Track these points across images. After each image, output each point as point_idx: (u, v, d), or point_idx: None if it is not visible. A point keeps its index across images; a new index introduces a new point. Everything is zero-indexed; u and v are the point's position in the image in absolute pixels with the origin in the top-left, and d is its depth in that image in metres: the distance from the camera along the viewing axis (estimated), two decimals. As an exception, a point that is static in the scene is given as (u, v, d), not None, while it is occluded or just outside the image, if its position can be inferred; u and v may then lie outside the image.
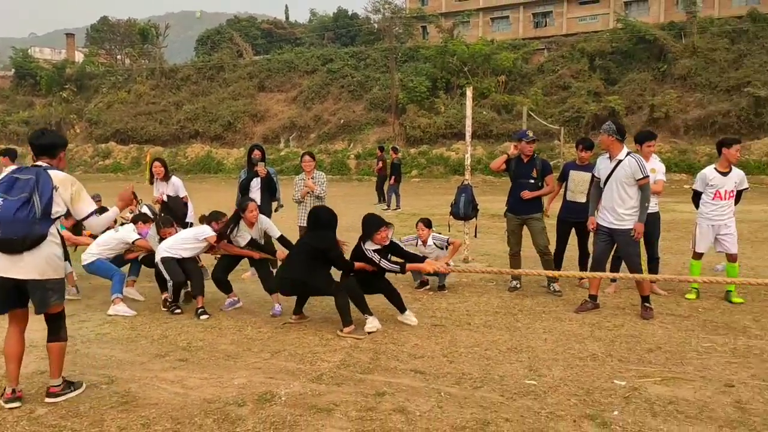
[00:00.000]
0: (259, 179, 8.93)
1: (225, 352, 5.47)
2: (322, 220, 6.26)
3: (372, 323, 6.07)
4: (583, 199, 7.89)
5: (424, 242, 8.03)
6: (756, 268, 9.07)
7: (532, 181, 7.71)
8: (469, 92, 9.71)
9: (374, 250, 6.31)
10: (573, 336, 5.86)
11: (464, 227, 9.45)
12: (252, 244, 7.03)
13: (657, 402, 4.29)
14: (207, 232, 7.06)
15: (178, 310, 6.83)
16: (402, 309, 6.37)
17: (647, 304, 6.61)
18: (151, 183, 9.02)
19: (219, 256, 7.42)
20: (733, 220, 7.37)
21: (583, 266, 8.22)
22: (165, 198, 8.82)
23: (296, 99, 44.43)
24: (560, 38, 43.25)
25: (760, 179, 25.42)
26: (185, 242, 7.05)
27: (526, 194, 7.64)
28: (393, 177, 19.16)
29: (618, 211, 6.55)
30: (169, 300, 6.95)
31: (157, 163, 8.97)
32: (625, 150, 6.64)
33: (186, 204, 9.02)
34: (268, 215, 8.25)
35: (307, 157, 8.63)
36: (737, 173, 7.36)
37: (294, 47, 53.24)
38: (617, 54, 36.93)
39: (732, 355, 5.29)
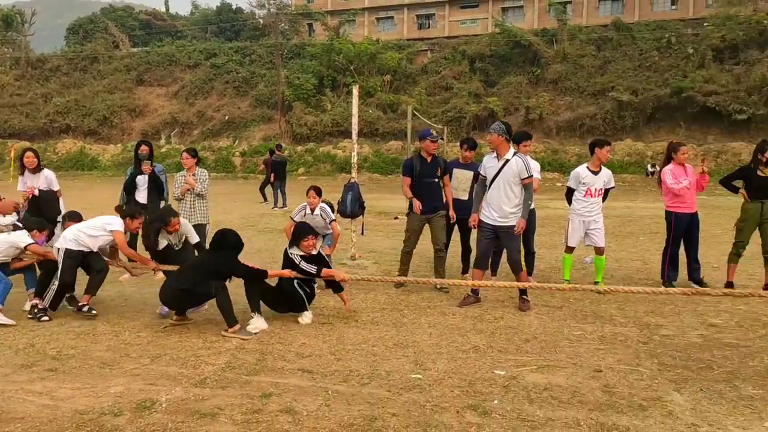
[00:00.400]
0: (146, 177, 8.53)
1: (100, 360, 5.17)
2: (229, 242, 6.18)
3: (256, 323, 5.97)
4: (465, 197, 8.15)
5: (312, 210, 8.04)
6: (620, 260, 9.77)
7: (436, 179, 7.78)
8: (355, 91, 9.77)
9: (300, 255, 6.41)
10: (456, 329, 6.05)
11: (351, 225, 9.51)
12: (167, 249, 6.86)
13: (533, 389, 4.52)
14: (116, 225, 6.63)
15: (46, 318, 6.35)
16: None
17: (525, 297, 6.94)
18: (21, 174, 8.28)
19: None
20: (601, 216, 7.89)
21: (465, 261, 8.51)
22: (36, 192, 8.17)
23: (178, 94, 42.76)
24: (443, 40, 44.45)
25: (623, 177, 27.39)
26: (92, 230, 6.56)
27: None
28: (273, 174, 18.86)
29: (504, 209, 6.79)
30: (39, 306, 6.43)
31: (30, 154, 8.24)
32: (512, 150, 6.89)
33: (58, 199, 8.42)
34: None
35: (185, 154, 8.32)
36: (606, 172, 7.87)
37: (175, 40, 51.16)
38: (495, 57, 38.48)
39: (600, 342, 5.66)
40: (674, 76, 32.60)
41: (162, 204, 8.73)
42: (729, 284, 7.64)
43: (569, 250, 8.01)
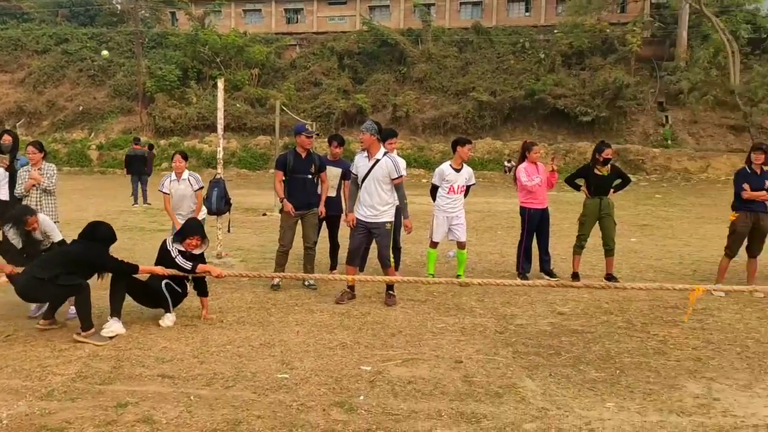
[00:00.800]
0: (6, 173, 7.79)
1: (-72, 377, 4.66)
2: (101, 233, 5.83)
3: (112, 326, 5.63)
4: (333, 193, 8.19)
5: (179, 175, 7.72)
6: (480, 254, 10.26)
7: (310, 176, 7.70)
8: (220, 84, 9.49)
9: (179, 250, 6.11)
10: (324, 327, 6.06)
11: (217, 222, 9.24)
12: (29, 248, 6.19)
13: (398, 383, 4.63)
14: None
15: None
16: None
17: (391, 292, 7.10)
18: None
19: None
20: (463, 212, 8.23)
21: (333, 258, 8.56)
22: None
23: (24, 81, 39.34)
24: (311, 35, 44.28)
25: (483, 174, 28.75)
26: None
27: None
28: (126, 170, 17.89)
29: (376, 206, 6.89)
30: None
31: None
32: (383, 150, 6.98)
33: None
34: None
35: (31, 148, 7.67)
36: (467, 170, 8.21)
37: (21, 23, 47.00)
38: (363, 55, 38.95)
39: (461, 334, 5.91)
40: (528, 79, 34.68)
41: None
42: (574, 275, 8.26)
43: (434, 245, 8.28)
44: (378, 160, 6.88)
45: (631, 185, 11.43)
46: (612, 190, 8.30)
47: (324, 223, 8.27)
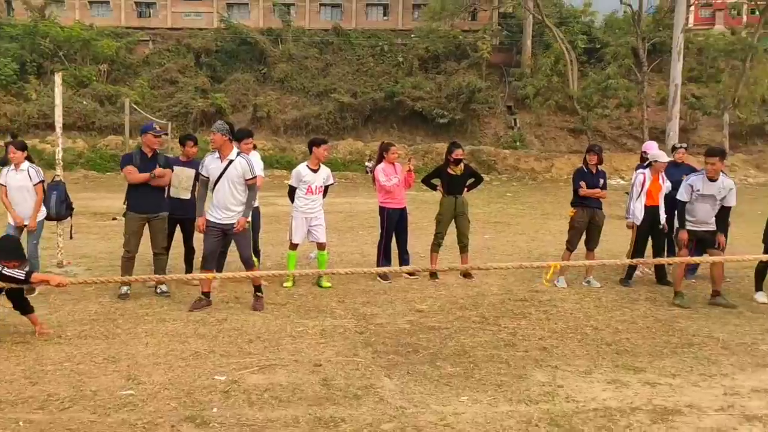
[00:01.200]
0: None
1: None
2: None
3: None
4: (188, 196, 7.83)
5: (17, 166, 7.15)
6: (342, 254, 10.26)
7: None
8: (58, 78, 8.77)
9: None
10: (176, 336, 5.75)
11: (58, 228, 8.52)
12: None
13: (254, 391, 4.48)
14: None
15: None
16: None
17: (259, 294, 6.87)
18: None
19: None
20: (322, 213, 8.17)
21: (189, 263, 8.18)
22: None
23: None
24: (165, 31, 42.39)
25: (345, 175, 28.96)
26: None
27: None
28: None
29: (230, 208, 6.66)
30: None
31: None
32: (235, 150, 6.76)
33: None
34: None
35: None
36: (325, 170, 8.17)
37: None
38: (222, 53, 37.92)
39: (321, 336, 5.85)
40: (387, 82, 35.49)
41: None
42: (433, 273, 8.48)
43: (293, 246, 8.16)
44: (231, 161, 6.67)
45: (484, 185, 11.97)
46: (466, 189, 8.62)
47: (179, 227, 7.90)
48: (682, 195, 7.32)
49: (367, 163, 31.05)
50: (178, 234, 7.92)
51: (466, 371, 4.99)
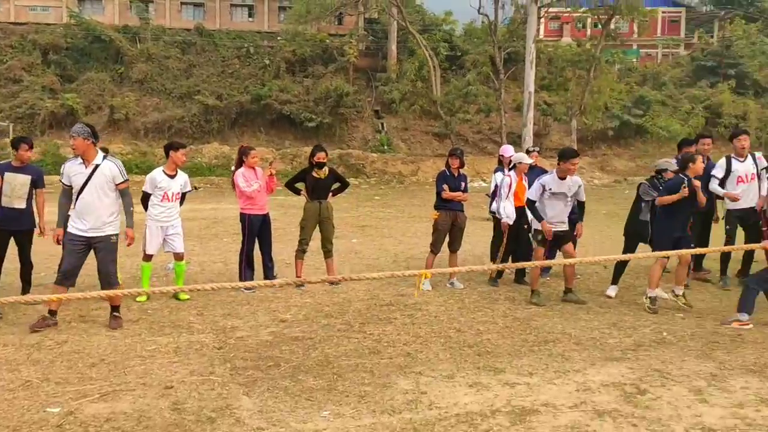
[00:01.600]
0: None
1: None
2: None
3: None
4: (23, 205, 7.12)
5: None
6: (203, 263, 9.77)
7: None
8: None
9: None
10: (5, 364, 5.12)
11: None
12: None
13: (93, 423, 4.03)
14: None
15: None
16: None
17: (116, 314, 6.34)
18: None
19: None
20: (179, 221, 7.71)
21: (26, 280, 7.41)
22: None
23: None
24: (8, 26, 38.82)
25: (210, 180, 27.91)
26: None
27: None
28: None
29: (100, 217, 6.12)
30: None
31: None
32: (101, 154, 6.26)
33: None
34: None
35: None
36: (182, 176, 7.78)
37: None
38: (73, 51, 35.30)
39: (175, 354, 5.44)
40: (254, 84, 34.65)
41: None
42: (298, 284, 8.22)
43: (147, 257, 7.64)
44: (98, 165, 6.15)
45: (353, 188, 11.90)
46: (331, 194, 8.47)
47: (13, 240, 7.13)
48: (531, 194, 7.64)
49: (233, 168, 30.15)
50: (12, 248, 7.14)
51: (329, 383, 4.82)
